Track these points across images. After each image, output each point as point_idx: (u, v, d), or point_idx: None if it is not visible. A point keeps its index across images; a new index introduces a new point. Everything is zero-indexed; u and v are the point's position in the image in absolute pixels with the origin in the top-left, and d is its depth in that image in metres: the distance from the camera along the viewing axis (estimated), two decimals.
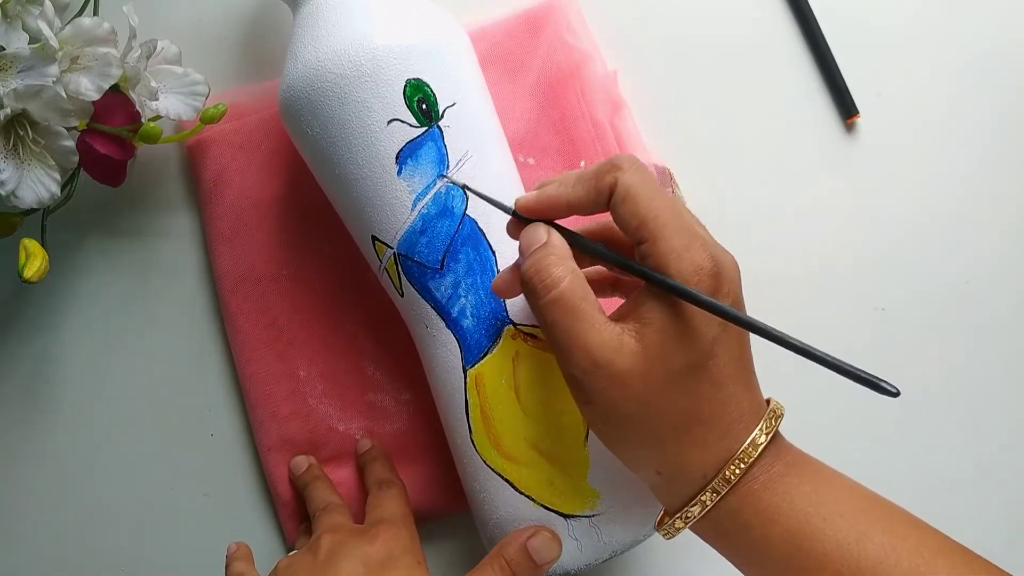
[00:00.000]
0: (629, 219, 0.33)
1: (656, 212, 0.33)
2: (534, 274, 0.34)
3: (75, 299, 0.51)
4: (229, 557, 0.46)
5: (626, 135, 0.49)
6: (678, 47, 0.51)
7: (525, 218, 0.36)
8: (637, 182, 0.33)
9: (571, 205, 0.35)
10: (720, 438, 0.33)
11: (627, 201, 0.33)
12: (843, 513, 0.33)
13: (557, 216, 0.36)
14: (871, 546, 0.32)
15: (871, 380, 0.30)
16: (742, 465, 0.33)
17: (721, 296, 0.33)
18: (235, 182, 0.50)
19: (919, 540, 0.32)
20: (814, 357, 0.31)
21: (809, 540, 0.32)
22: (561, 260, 0.34)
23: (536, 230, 0.36)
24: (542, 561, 0.40)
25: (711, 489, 0.33)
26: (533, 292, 0.34)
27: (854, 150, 0.50)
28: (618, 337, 0.33)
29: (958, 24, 0.51)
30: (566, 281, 0.33)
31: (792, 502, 0.33)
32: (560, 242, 0.35)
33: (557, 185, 0.35)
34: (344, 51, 0.40)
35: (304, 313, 0.49)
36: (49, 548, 0.51)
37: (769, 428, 0.34)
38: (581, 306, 0.33)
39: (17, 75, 0.42)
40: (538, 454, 0.40)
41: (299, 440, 0.49)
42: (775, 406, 0.35)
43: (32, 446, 0.51)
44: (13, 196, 0.43)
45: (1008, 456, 0.50)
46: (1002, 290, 0.50)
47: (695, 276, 0.32)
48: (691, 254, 0.32)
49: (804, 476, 0.34)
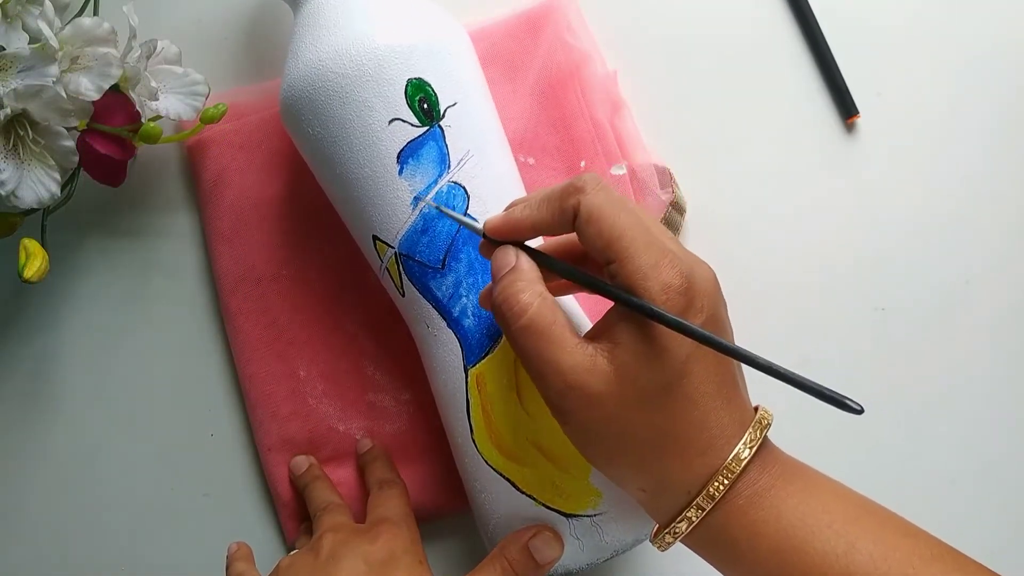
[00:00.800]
0: (595, 240, 0.33)
1: (621, 231, 0.32)
2: (502, 302, 0.34)
3: (75, 299, 0.51)
4: (230, 557, 0.46)
5: (626, 135, 0.49)
6: (678, 47, 0.51)
7: (496, 240, 0.36)
8: (601, 202, 0.33)
9: (536, 227, 0.35)
10: (701, 454, 0.33)
11: (591, 223, 0.33)
12: (831, 524, 0.32)
13: (523, 238, 0.36)
14: (860, 557, 0.32)
15: (835, 398, 0.30)
16: (725, 481, 0.33)
17: (693, 312, 0.32)
18: (235, 182, 0.49)
19: (910, 549, 0.32)
20: (779, 375, 0.31)
21: (797, 554, 0.32)
22: (529, 285, 0.34)
23: (505, 254, 0.35)
24: (544, 561, 0.40)
25: (696, 506, 0.33)
26: (503, 320, 0.34)
27: (854, 150, 0.51)
28: (591, 359, 0.33)
29: (958, 24, 0.51)
30: (534, 307, 0.33)
31: (779, 516, 0.33)
32: (528, 266, 0.35)
33: (523, 207, 0.35)
34: (345, 50, 0.40)
35: (304, 313, 0.49)
36: (49, 548, 0.51)
37: (753, 440, 0.33)
38: (551, 330, 0.33)
39: (17, 75, 0.42)
40: (539, 453, 0.40)
41: (299, 440, 0.49)
42: (761, 415, 0.34)
43: (32, 446, 0.51)
44: (13, 196, 0.43)
45: (1008, 456, 0.50)
46: (1002, 290, 0.50)
47: (663, 295, 0.32)
48: (659, 272, 0.32)
49: (791, 487, 0.33)
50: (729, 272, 0.49)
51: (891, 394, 0.50)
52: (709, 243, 0.50)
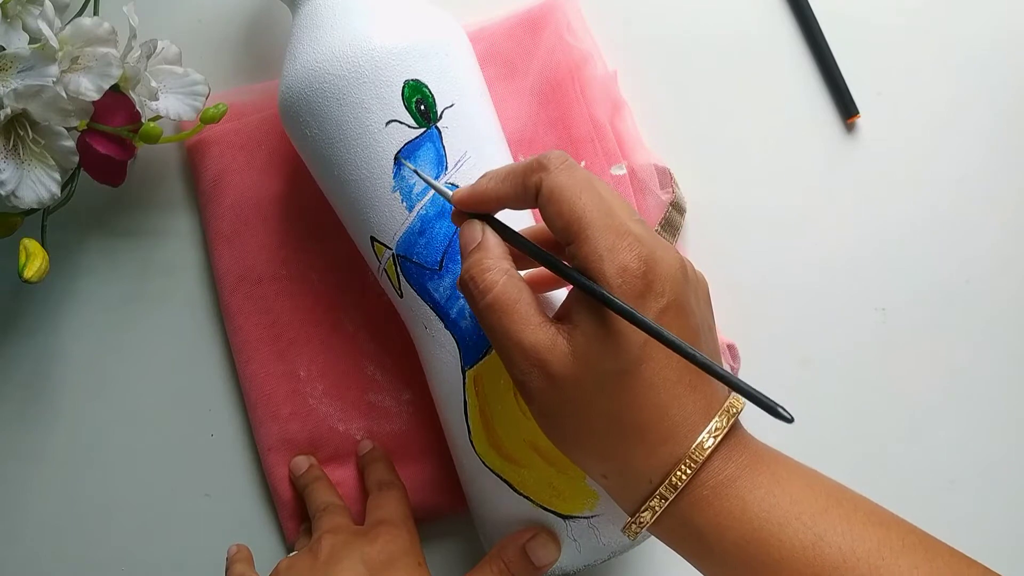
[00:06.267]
0: (555, 220, 0.33)
1: (581, 212, 0.32)
2: (469, 279, 0.34)
3: (75, 299, 0.52)
4: (229, 559, 0.46)
5: (626, 135, 0.49)
6: (678, 47, 0.51)
7: (469, 213, 0.36)
8: (562, 182, 0.33)
9: (500, 200, 0.35)
10: (662, 443, 0.32)
11: (551, 202, 0.33)
12: (799, 515, 0.32)
13: (490, 210, 0.36)
14: (828, 549, 0.31)
15: (769, 404, 0.29)
16: (688, 471, 0.32)
17: (652, 296, 0.32)
18: (235, 182, 0.50)
19: (880, 539, 0.31)
20: (715, 374, 0.30)
21: (764, 546, 0.31)
22: (496, 262, 0.34)
23: (472, 228, 0.35)
24: (540, 563, 0.40)
25: (659, 495, 0.32)
26: (470, 296, 0.34)
27: (854, 150, 0.50)
28: (552, 338, 0.32)
29: (958, 24, 0.51)
30: (500, 284, 0.33)
31: (745, 507, 0.32)
32: (494, 242, 0.35)
33: (488, 179, 0.35)
34: (342, 52, 0.40)
35: (304, 313, 0.49)
36: (49, 548, 0.51)
37: (719, 429, 0.32)
38: (516, 307, 0.33)
39: (17, 75, 0.42)
40: (537, 455, 0.40)
41: (299, 440, 0.49)
42: (730, 403, 0.33)
43: (32, 446, 0.51)
44: (13, 196, 0.43)
45: (1008, 456, 0.50)
46: (1002, 290, 0.50)
47: (619, 278, 0.31)
48: (616, 255, 0.31)
49: (759, 477, 0.32)
50: (729, 272, 0.49)
51: (891, 394, 0.50)
52: (709, 243, 0.50)
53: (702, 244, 0.50)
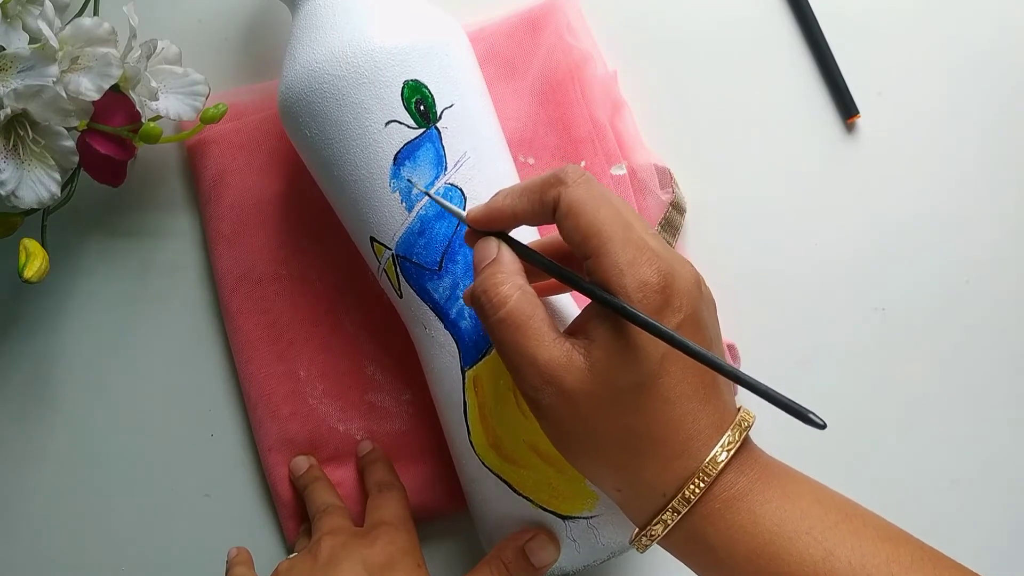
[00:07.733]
0: (573, 234, 0.33)
1: (600, 227, 0.32)
2: (481, 293, 0.34)
3: (75, 299, 0.52)
4: (229, 562, 0.46)
5: (626, 135, 0.49)
6: (678, 47, 0.51)
7: (481, 231, 0.36)
8: (581, 196, 0.33)
9: (517, 217, 0.35)
10: (676, 456, 0.32)
11: (570, 216, 0.33)
12: (810, 530, 0.32)
13: (505, 227, 0.36)
14: (838, 564, 0.31)
15: (800, 411, 0.29)
16: (701, 484, 0.32)
17: (670, 311, 0.32)
18: (235, 182, 0.49)
19: (889, 555, 0.32)
20: (746, 384, 0.30)
21: (774, 560, 0.31)
22: (509, 277, 0.34)
23: (487, 245, 0.35)
24: (539, 564, 0.40)
25: (671, 508, 0.33)
26: (482, 311, 0.34)
27: (854, 150, 0.50)
28: (567, 354, 0.32)
29: (958, 24, 0.50)
30: (513, 299, 0.33)
31: (756, 521, 0.32)
32: (509, 258, 0.35)
33: (504, 196, 0.35)
34: (341, 53, 0.40)
35: (304, 313, 0.49)
36: (49, 548, 0.51)
37: (731, 443, 0.33)
38: (529, 323, 0.33)
39: (17, 75, 0.42)
40: (536, 456, 0.40)
41: (299, 440, 0.49)
42: (742, 417, 0.34)
43: (32, 446, 0.52)
44: (13, 196, 0.43)
45: (1008, 456, 0.50)
46: (1002, 290, 0.50)
47: (639, 292, 0.31)
48: (636, 269, 0.31)
49: (770, 492, 0.33)
50: (729, 272, 0.49)
51: (891, 394, 0.50)
52: (709, 243, 0.50)
53: (702, 244, 0.50)
